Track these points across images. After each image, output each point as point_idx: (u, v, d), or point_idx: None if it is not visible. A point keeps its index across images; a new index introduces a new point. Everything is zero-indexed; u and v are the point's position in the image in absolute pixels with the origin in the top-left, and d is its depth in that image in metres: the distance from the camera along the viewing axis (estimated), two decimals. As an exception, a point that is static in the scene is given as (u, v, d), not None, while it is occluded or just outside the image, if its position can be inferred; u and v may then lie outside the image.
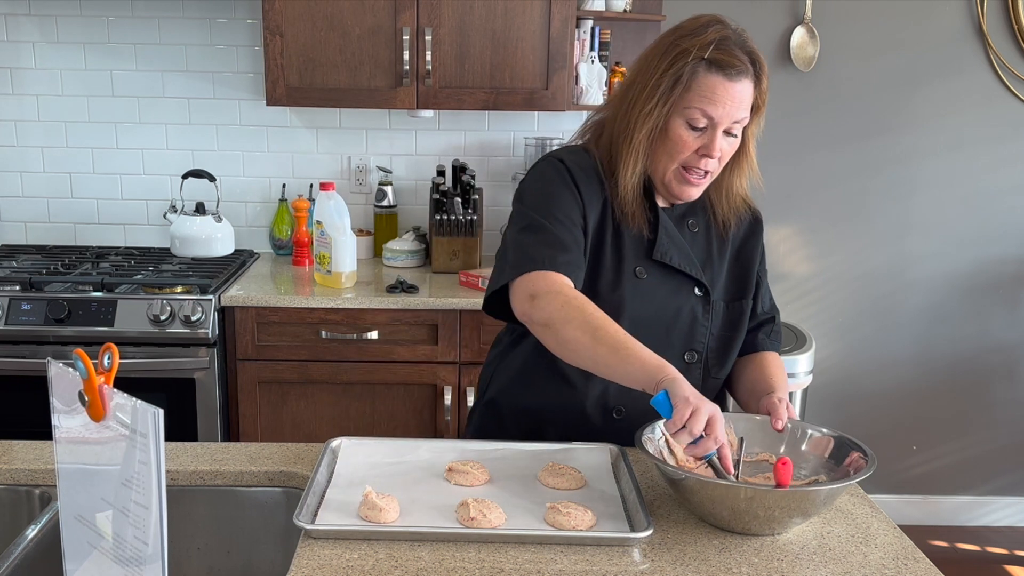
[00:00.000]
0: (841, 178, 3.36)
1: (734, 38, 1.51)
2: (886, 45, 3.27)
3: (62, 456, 1.07)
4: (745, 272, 1.69)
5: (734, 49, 1.50)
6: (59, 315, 2.64)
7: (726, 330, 1.67)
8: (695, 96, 1.50)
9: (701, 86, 1.50)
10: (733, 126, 1.53)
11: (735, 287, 1.68)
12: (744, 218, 1.70)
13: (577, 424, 1.64)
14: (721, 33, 1.51)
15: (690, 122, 1.52)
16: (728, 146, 1.55)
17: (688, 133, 1.52)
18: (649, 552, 1.28)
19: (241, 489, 1.54)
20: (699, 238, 1.66)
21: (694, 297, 1.62)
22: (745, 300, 1.69)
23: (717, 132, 1.52)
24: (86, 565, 1.06)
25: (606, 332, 1.43)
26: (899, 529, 1.39)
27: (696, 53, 1.49)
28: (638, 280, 1.60)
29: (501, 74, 2.91)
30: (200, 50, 3.18)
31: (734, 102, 1.50)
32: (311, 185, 3.26)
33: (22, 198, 3.29)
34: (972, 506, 3.61)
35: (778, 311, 1.79)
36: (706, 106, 1.50)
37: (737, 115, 1.52)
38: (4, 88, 3.20)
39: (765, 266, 1.76)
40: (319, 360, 2.78)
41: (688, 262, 1.62)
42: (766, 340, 1.73)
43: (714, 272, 1.65)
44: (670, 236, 1.61)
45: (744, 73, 1.50)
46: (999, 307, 3.49)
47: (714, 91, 1.49)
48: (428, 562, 1.23)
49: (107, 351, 1.00)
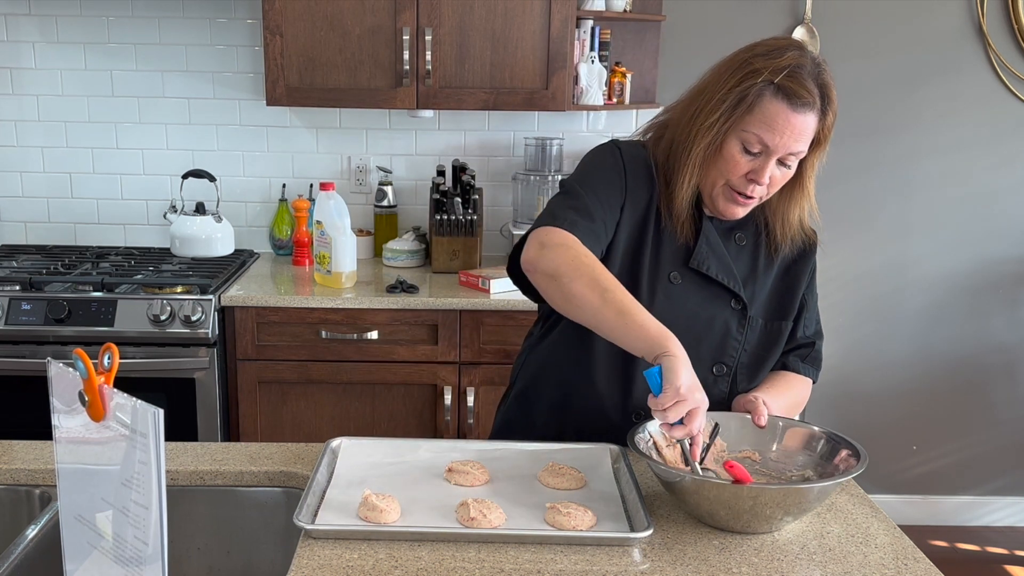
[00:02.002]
0: (841, 178, 3.36)
1: (809, 67, 1.47)
2: (886, 45, 3.27)
3: (62, 456, 1.07)
4: (790, 293, 1.65)
5: (806, 79, 1.45)
6: (59, 315, 2.64)
7: (761, 348, 1.64)
8: (755, 120, 1.46)
9: (764, 111, 1.45)
10: (787, 157, 1.49)
11: (777, 307, 1.65)
12: (797, 240, 1.65)
13: (598, 423, 1.63)
14: (797, 60, 1.46)
15: (745, 145, 1.48)
16: (780, 175, 1.51)
17: (741, 155, 1.49)
18: (649, 552, 1.28)
19: (241, 489, 1.54)
20: (745, 252, 1.63)
21: (729, 310, 1.60)
22: (786, 321, 1.65)
23: (770, 161, 1.48)
24: (86, 565, 1.06)
25: (614, 295, 1.40)
26: (899, 529, 1.39)
27: (767, 76, 1.45)
28: (671, 285, 1.58)
29: (501, 74, 2.91)
30: (200, 50, 3.18)
31: (793, 133, 1.46)
32: (311, 185, 3.26)
33: (22, 198, 3.29)
34: (972, 506, 3.61)
35: (822, 337, 1.73)
36: (763, 132, 1.46)
37: (794, 147, 1.47)
38: (4, 88, 3.20)
39: (815, 289, 1.72)
40: (319, 360, 2.78)
41: (727, 273, 1.59)
42: (798, 362, 1.69)
43: (756, 288, 1.62)
44: (711, 246, 1.58)
45: (809, 106, 1.46)
46: (999, 307, 3.49)
47: (775, 119, 1.45)
48: (428, 562, 1.23)
49: (107, 351, 1.00)
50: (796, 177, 1.55)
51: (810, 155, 1.53)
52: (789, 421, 1.52)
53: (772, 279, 1.65)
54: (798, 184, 1.56)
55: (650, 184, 1.58)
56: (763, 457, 1.49)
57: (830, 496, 1.45)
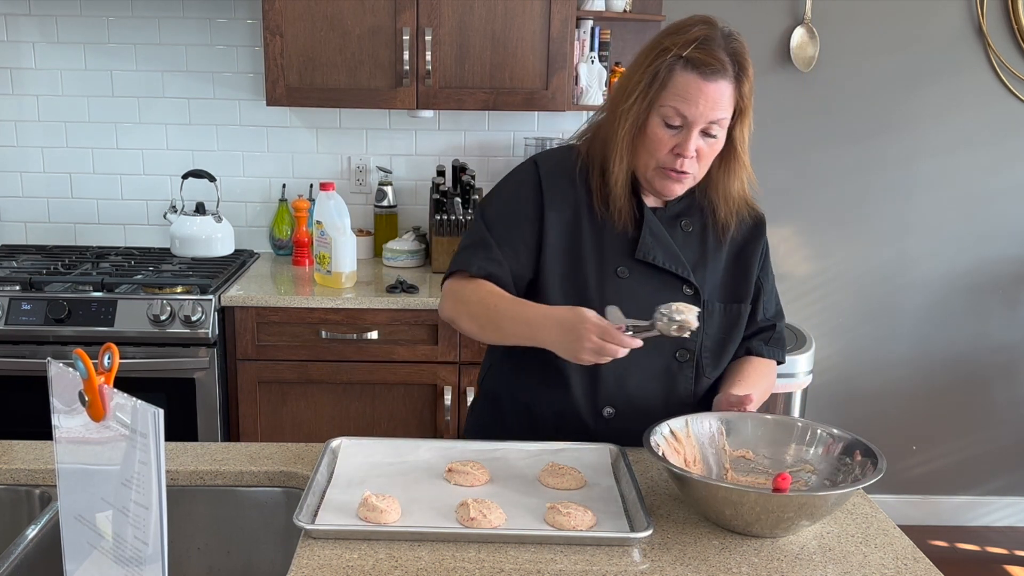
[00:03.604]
0: (841, 178, 3.36)
1: (718, 39, 1.50)
2: (886, 45, 3.27)
3: (62, 456, 1.07)
4: (744, 275, 1.68)
5: (715, 49, 1.49)
6: (59, 315, 2.64)
7: (722, 332, 1.66)
8: (670, 94, 1.50)
9: (676, 84, 1.50)
10: (710, 126, 1.52)
11: (733, 290, 1.67)
12: (745, 221, 1.69)
13: (569, 421, 1.65)
14: (704, 32, 1.50)
15: (666, 120, 1.52)
16: (708, 147, 1.54)
17: (664, 131, 1.53)
18: (649, 552, 1.28)
19: (241, 489, 1.54)
20: (693, 238, 1.65)
21: (682, 296, 1.61)
22: (744, 303, 1.68)
23: (692, 132, 1.51)
24: (86, 565, 1.06)
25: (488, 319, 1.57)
26: (899, 529, 1.39)
27: (676, 51, 1.49)
28: (620, 279, 1.60)
29: (501, 74, 2.91)
30: (200, 50, 3.18)
31: (708, 102, 1.49)
32: (311, 185, 3.26)
33: (22, 198, 3.28)
34: (972, 506, 3.61)
35: (783, 317, 1.77)
36: (680, 105, 1.50)
37: (712, 115, 1.51)
38: (4, 88, 3.20)
39: (770, 270, 1.74)
40: (319, 360, 2.78)
41: (674, 261, 1.61)
42: (762, 346, 1.72)
43: (707, 273, 1.64)
44: (655, 236, 1.61)
45: (720, 73, 1.49)
46: (999, 307, 3.49)
47: (687, 89, 1.49)
48: (428, 562, 1.23)
49: (107, 351, 1.00)
50: (730, 149, 1.59)
51: (737, 125, 1.56)
52: (809, 423, 1.51)
53: (724, 262, 1.67)
54: (733, 156, 1.60)
55: (574, 186, 1.63)
56: (757, 455, 1.50)
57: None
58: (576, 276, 1.61)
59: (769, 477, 1.45)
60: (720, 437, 1.50)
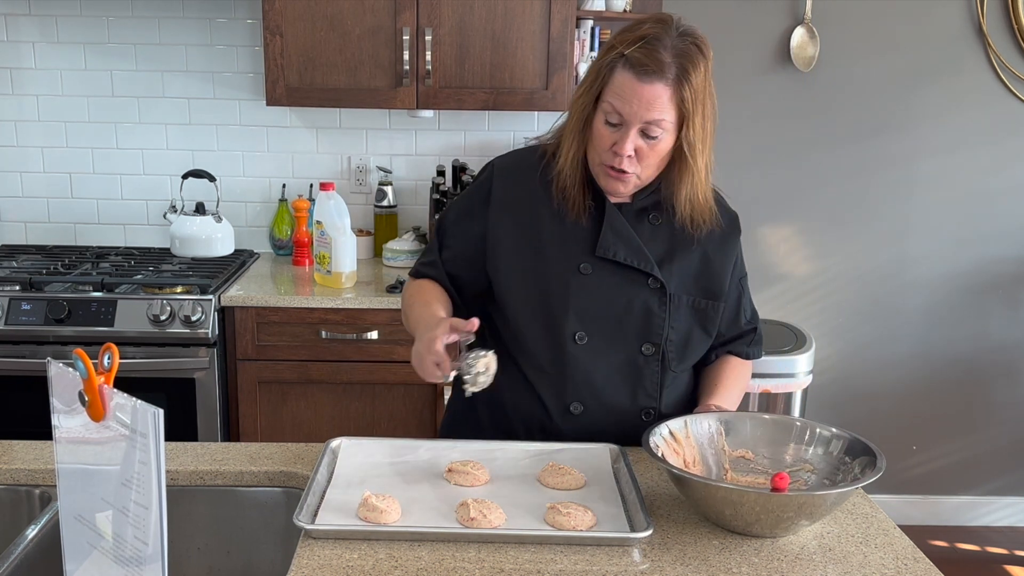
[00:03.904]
0: (841, 178, 3.36)
1: (666, 39, 1.48)
2: (886, 45, 3.27)
3: (62, 456, 1.07)
4: (716, 275, 1.66)
5: (657, 50, 1.47)
6: (59, 315, 2.64)
7: (689, 326, 1.65)
8: (610, 92, 1.51)
9: (615, 83, 1.50)
10: (649, 127, 1.50)
11: (703, 287, 1.65)
12: (718, 221, 1.65)
13: (537, 418, 1.66)
14: (652, 32, 1.49)
15: (606, 117, 1.52)
16: (648, 147, 1.52)
17: (605, 128, 1.53)
18: (649, 552, 1.28)
19: (241, 489, 1.54)
20: (662, 231, 1.63)
21: (648, 290, 1.61)
22: (716, 302, 1.66)
23: (629, 131, 1.50)
24: (86, 565, 1.06)
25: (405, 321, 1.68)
26: (899, 529, 1.39)
27: (620, 49, 1.49)
28: (583, 276, 1.60)
29: (501, 74, 2.91)
30: (200, 50, 3.18)
31: (642, 102, 1.48)
32: (311, 185, 3.26)
33: (22, 198, 3.28)
34: (972, 506, 3.61)
35: (758, 315, 1.78)
36: (616, 102, 1.50)
37: (648, 116, 1.49)
38: (4, 88, 3.20)
39: (744, 271, 1.74)
40: (319, 360, 2.78)
41: (636, 256, 1.60)
42: (744, 347, 1.74)
43: (675, 266, 1.63)
44: (616, 231, 1.60)
45: (656, 75, 1.47)
46: (999, 307, 3.49)
47: (623, 89, 1.49)
48: (428, 562, 1.23)
49: (107, 351, 1.00)
50: (681, 154, 1.54)
51: (686, 129, 1.52)
52: (809, 422, 1.51)
53: (695, 257, 1.64)
54: (682, 160, 1.55)
55: (533, 182, 1.63)
56: (757, 455, 1.50)
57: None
58: (538, 272, 1.62)
59: (769, 477, 1.45)
60: (719, 437, 1.50)
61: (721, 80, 3.77)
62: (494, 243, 1.65)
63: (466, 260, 1.68)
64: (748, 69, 3.23)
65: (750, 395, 2.95)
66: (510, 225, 1.64)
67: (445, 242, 1.71)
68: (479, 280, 1.68)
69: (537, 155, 1.66)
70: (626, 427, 1.62)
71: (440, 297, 1.67)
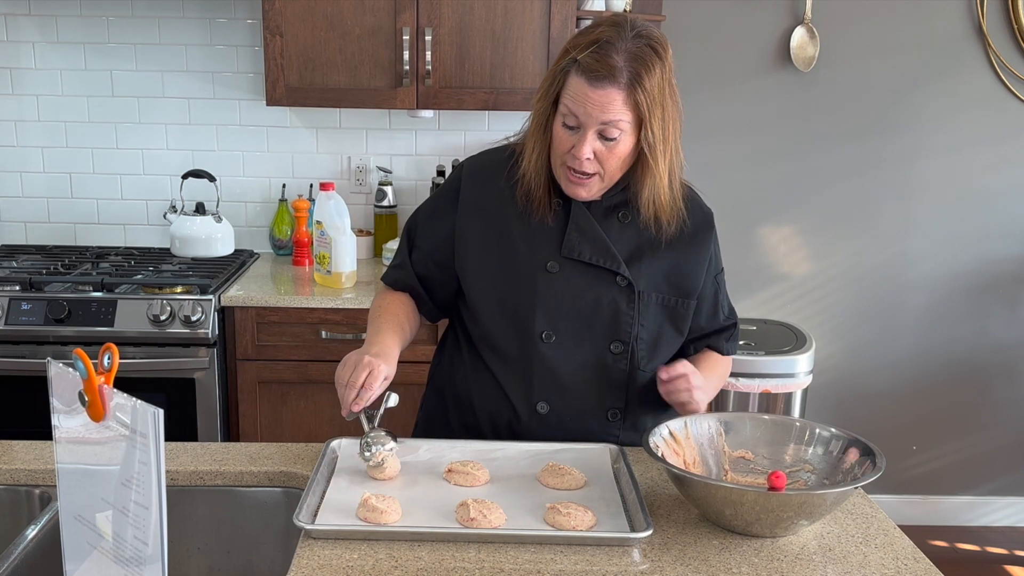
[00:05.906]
0: (841, 178, 3.36)
1: (618, 42, 1.47)
2: (886, 45, 3.27)
3: (62, 456, 1.07)
4: (688, 273, 1.65)
5: (609, 54, 1.46)
6: (59, 315, 2.64)
7: (659, 324, 1.64)
8: (566, 95, 1.51)
9: (570, 87, 1.50)
10: (606, 129, 1.49)
11: (674, 285, 1.64)
12: (685, 221, 1.63)
13: (504, 417, 1.66)
14: (604, 35, 1.48)
15: (564, 120, 1.53)
16: (607, 150, 1.51)
17: (563, 130, 1.53)
18: (649, 552, 1.28)
19: (241, 489, 1.54)
20: (630, 228, 1.62)
21: (616, 288, 1.61)
22: (688, 299, 1.65)
23: (587, 134, 1.50)
24: (86, 565, 1.06)
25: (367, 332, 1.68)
26: (899, 529, 1.39)
27: (574, 53, 1.50)
28: (550, 275, 1.61)
29: (501, 74, 2.91)
30: (200, 50, 3.18)
31: (595, 106, 1.47)
32: (311, 185, 3.26)
33: (22, 198, 3.28)
34: (972, 506, 3.61)
35: (735, 312, 1.79)
36: (572, 106, 1.50)
37: (602, 118, 1.48)
38: (4, 88, 3.20)
39: (720, 267, 1.73)
40: (319, 360, 2.78)
41: (602, 255, 1.60)
42: (722, 342, 1.74)
43: (644, 264, 1.62)
44: (581, 231, 1.60)
45: (607, 80, 1.46)
46: (999, 307, 3.49)
47: (576, 93, 1.49)
48: (428, 562, 1.23)
49: (107, 351, 1.00)
50: (643, 155, 1.53)
51: (644, 131, 1.51)
52: (808, 422, 1.51)
53: (665, 255, 1.63)
54: (643, 160, 1.54)
55: (501, 181, 1.64)
56: (757, 456, 1.50)
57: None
58: (505, 271, 1.63)
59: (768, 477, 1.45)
60: (719, 438, 1.50)
61: (721, 80, 3.76)
62: (462, 243, 1.65)
63: (435, 260, 1.69)
64: (748, 69, 3.23)
65: (750, 395, 2.95)
66: (478, 225, 1.65)
67: (415, 242, 1.73)
68: (449, 280, 1.69)
69: (506, 154, 1.67)
70: (592, 427, 1.63)
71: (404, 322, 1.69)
